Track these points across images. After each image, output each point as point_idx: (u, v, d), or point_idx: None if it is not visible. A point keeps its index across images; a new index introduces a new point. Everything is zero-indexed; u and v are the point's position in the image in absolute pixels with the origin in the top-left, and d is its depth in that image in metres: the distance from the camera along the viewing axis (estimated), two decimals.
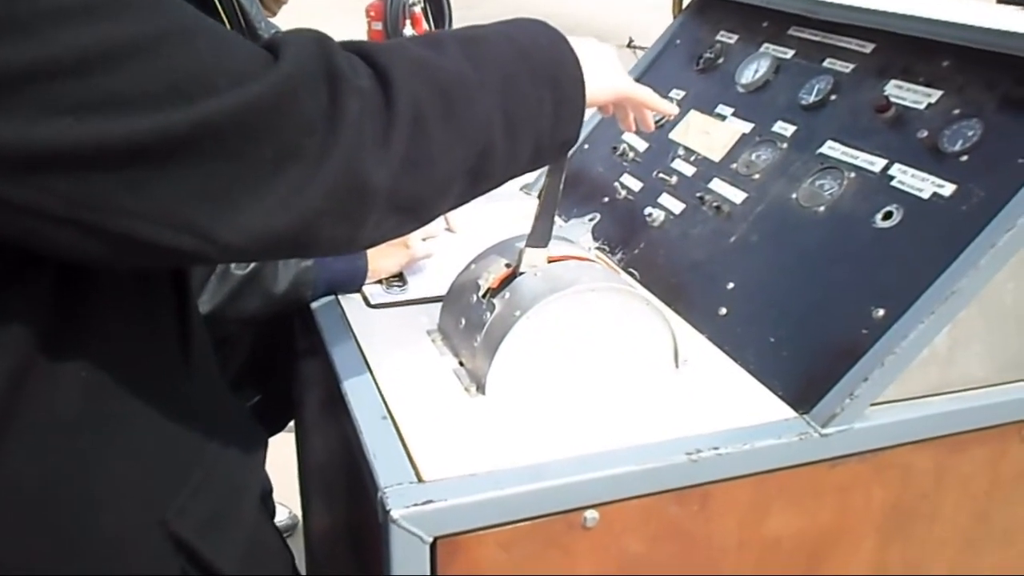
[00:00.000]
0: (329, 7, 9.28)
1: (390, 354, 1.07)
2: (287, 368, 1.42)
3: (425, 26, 6.71)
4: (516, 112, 0.80)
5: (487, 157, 0.79)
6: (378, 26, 6.70)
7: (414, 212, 0.76)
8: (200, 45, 0.62)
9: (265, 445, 0.97)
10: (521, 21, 0.88)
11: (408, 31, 6.48)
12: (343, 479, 1.10)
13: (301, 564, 1.33)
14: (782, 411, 0.98)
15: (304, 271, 1.17)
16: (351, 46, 0.72)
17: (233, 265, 1.12)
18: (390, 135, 0.69)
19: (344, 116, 0.65)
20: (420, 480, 0.84)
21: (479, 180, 0.81)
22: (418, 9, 6.63)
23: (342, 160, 0.66)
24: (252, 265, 1.13)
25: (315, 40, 0.68)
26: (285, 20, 2.04)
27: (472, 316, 1.04)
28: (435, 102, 0.72)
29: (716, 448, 0.90)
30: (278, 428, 1.58)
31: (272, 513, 1.66)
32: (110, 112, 0.57)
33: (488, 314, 1.02)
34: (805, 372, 1.00)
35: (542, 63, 0.84)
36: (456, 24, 6.85)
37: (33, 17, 0.55)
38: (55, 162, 0.57)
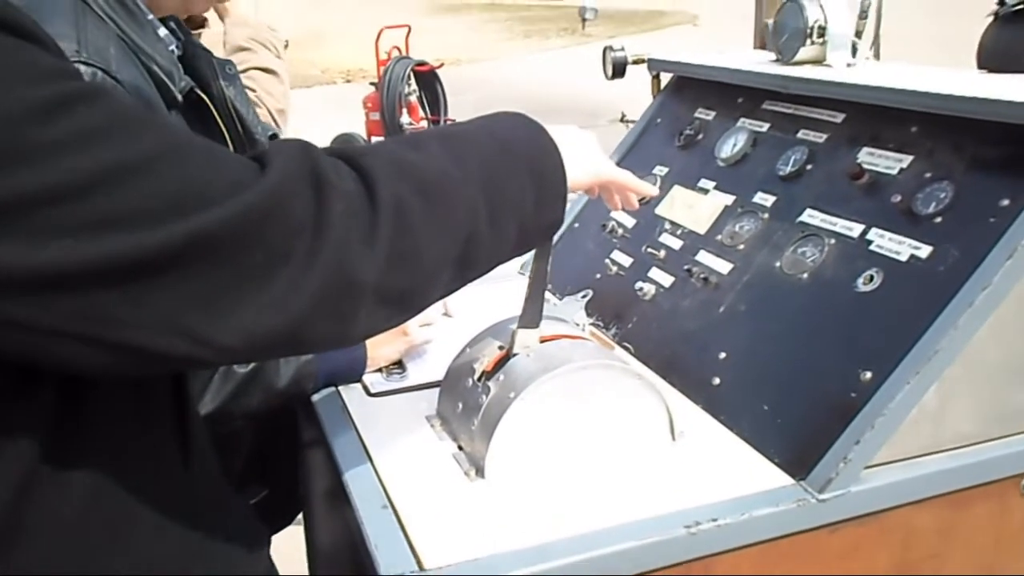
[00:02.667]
0: (328, 102, 9.53)
1: (390, 442, 1.09)
2: (292, 461, 1.43)
3: (421, 114, 6.88)
4: (498, 201, 0.83)
5: (472, 246, 0.81)
6: (376, 116, 6.87)
7: (403, 304, 0.79)
8: (192, 161, 0.66)
9: (268, 541, 0.98)
10: (500, 115, 0.92)
11: (405, 119, 6.64)
12: (349, 569, 1.10)
13: None
14: (779, 478, 0.99)
15: (305, 364, 1.19)
16: (334, 152, 0.76)
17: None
18: (375, 232, 0.72)
19: (330, 217, 0.69)
20: (422, 568, 0.85)
21: (466, 268, 0.83)
22: (414, 98, 6.80)
23: (330, 260, 0.69)
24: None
25: (300, 148, 0.72)
26: (295, 118, 2.10)
27: (469, 400, 1.06)
28: (417, 196, 0.75)
29: (715, 519, 0.91)
30: (286, 522, 1.58)
31: None
32: (110, 231, 0.60)
33: (484, 397, 1.03)
34: (799, 438, 1.02)
35: (522, 154, 0.87)
36: (451, 110, 7.02)
37: (34, 147, 0.59)
38: (57, 282, 0.60)
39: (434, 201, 0.77)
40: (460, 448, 1.07)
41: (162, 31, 1.21)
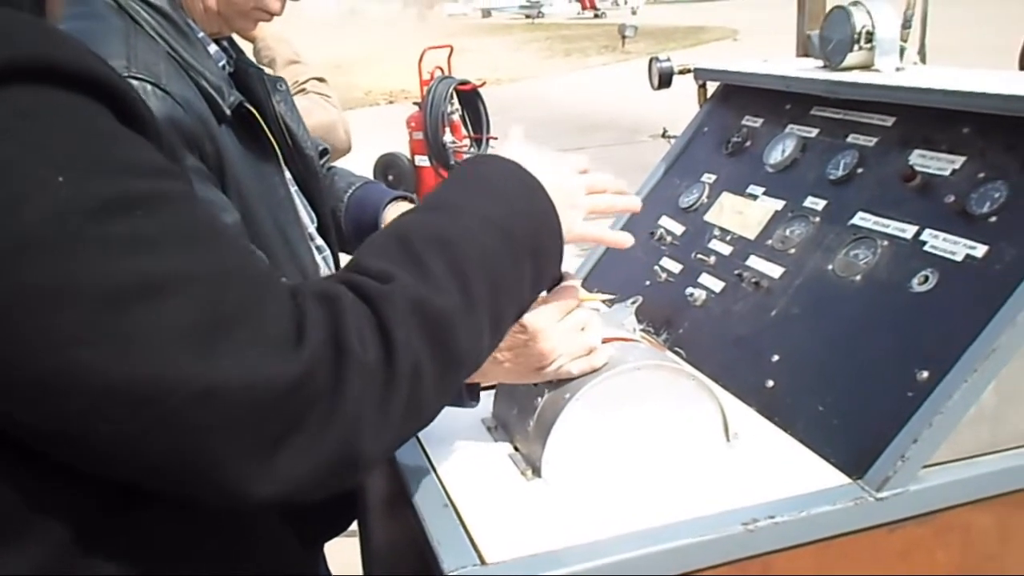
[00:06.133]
0: (372, 123, 9.67)
1: (448, 444, 1.11)
2: None
3: (464, 132, 6.94)
4: (504, 308, 0.83)
5: (475, 365, 0.82)
6: (419, 136, 6.95)
7: (402, 444, 0.79)
8: (235, 294, 0.63)
9: (319, 550, 0.98)
10: (496, 176, 0.87)
11: (448, 138, 6.70)
12: (409, 570, 1.12)
13: None
14: (836, 478, 0.99)
15: None
16: (354, 286, 0.72)
17: None
18: (389, 403, 0.70)
19: (346, 392, 0.66)
20: (483, 563, 0.87)
21: (466, 379, 0.86)
22: (456, 117, 6.87)
23: (340, 434, 0.66)
24: None
25: (328, 307, 0.69)
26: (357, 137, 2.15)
27: (524, 402, 1.08)
28: (434, 354, 0.73)
29: (772, 517, 0.92)
30: (339, 529, 1.60)
31: None
32: (130, 352, 0.57)
33: (539, 399, 1.05)
34: (855, 438, 1.02)
35: (524, 236, 0.84)
36: (493, 128, 7.07)
37: (80, 241, 0.56)
38: (62, 391, 0.57)
39: (449, 351, 0.75)
40: (516, 449, 1.09)
41: (212, 48, 1.25)
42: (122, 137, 0.62)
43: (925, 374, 1.00)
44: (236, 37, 1.43)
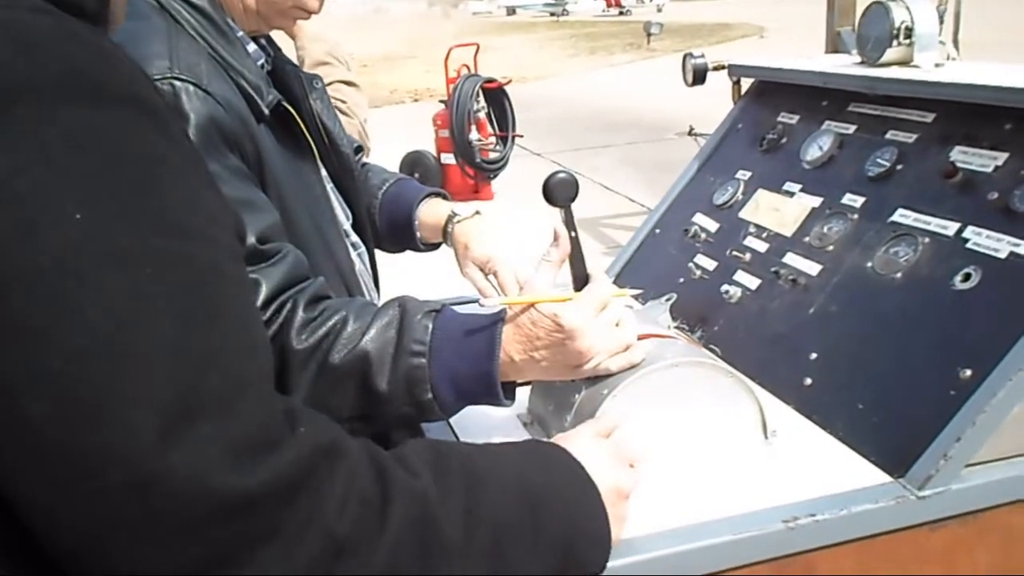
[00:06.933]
0: (398, 121, 9.70)
1: (484, 439, 1.11)
2: None
3: (489, 130, 6.95)
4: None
5: None
6: (445, 133, 6.97)
7: None
8: (214, 381, 0.56)
9: None
10: (544, 456, 0.83)
11: (474, 135, 6.72)
12: None
13: None
14: (877, 476, 0.98)
15: (413, 369, 1.13)
16: (378, 464, 0.65)
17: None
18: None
19: (295, 548, 0.57)
20: None
21: None
22: (482, 115, 6.88)
23: None
24: None
25: (323, 454, 0.61)
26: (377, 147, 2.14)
27: (560, 398, 1.08)
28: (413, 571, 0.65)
29: (813, 515, 0.91)
30: None
31: None
32: (91, 414, 0.52)
33: (576, 395, 1.05)
34: (896, 437, 1.01)
35: (554, 522, 0.76)
36: (519, 126, 7.08)
37: (70, 282, 0.53)
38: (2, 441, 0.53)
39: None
40: None
41: (251, 47, 1.26)
42: (168, 184, 0.59)
43: (968, 372, 0.99)
44: (278, 34, 1.44)
